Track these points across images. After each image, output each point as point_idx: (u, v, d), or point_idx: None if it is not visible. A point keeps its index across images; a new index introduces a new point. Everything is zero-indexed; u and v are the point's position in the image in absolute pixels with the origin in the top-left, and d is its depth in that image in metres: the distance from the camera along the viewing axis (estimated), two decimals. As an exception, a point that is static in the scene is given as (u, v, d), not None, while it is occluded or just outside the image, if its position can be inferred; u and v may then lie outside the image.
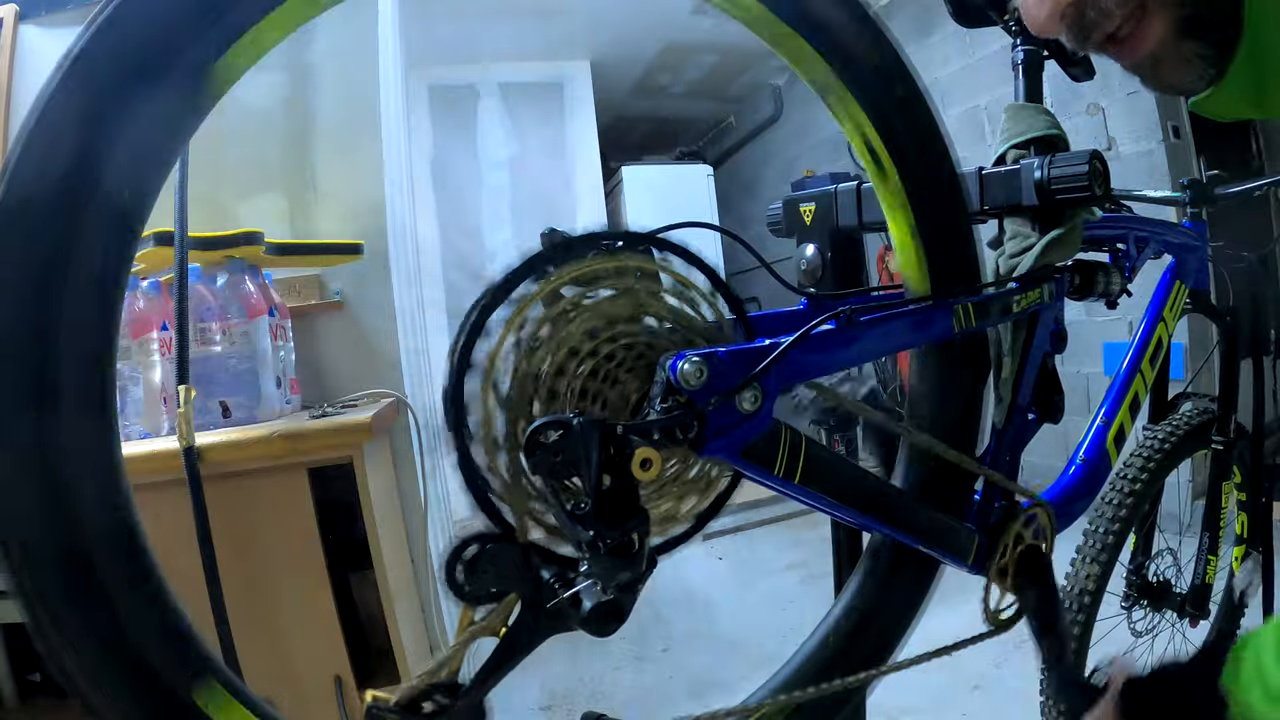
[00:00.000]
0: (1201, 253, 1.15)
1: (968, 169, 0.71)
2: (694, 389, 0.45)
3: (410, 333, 1.80)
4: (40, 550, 0.36)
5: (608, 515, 0.42)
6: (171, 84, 0.39)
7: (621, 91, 4.61)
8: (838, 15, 0.55)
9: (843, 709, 0.63)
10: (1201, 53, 0.49)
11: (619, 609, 0.42)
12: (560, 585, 0.43)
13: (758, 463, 0.50)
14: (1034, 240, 0.72)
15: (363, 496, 1.25)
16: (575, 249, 0.45)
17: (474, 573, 0.43)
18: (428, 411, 1.67)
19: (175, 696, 0.39)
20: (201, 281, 1.33)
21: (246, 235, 1.35)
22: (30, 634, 0.37)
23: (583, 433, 0.41)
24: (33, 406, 0.36)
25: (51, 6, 1.55)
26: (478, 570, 0.43)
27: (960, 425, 0.67)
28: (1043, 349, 0.73)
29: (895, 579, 0.67)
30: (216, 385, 1.30)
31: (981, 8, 0.81)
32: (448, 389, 0.43)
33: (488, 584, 0.44)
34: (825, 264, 0.83)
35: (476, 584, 0.43)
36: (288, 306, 1.49)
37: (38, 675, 1.37)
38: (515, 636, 0.44)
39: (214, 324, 1.31)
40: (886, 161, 0.59)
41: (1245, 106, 0.54)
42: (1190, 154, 2.52)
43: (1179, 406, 1.25)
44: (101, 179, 0.37)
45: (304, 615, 1.22)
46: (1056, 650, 0.68)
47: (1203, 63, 0.50)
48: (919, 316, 0.60)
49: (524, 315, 0.44)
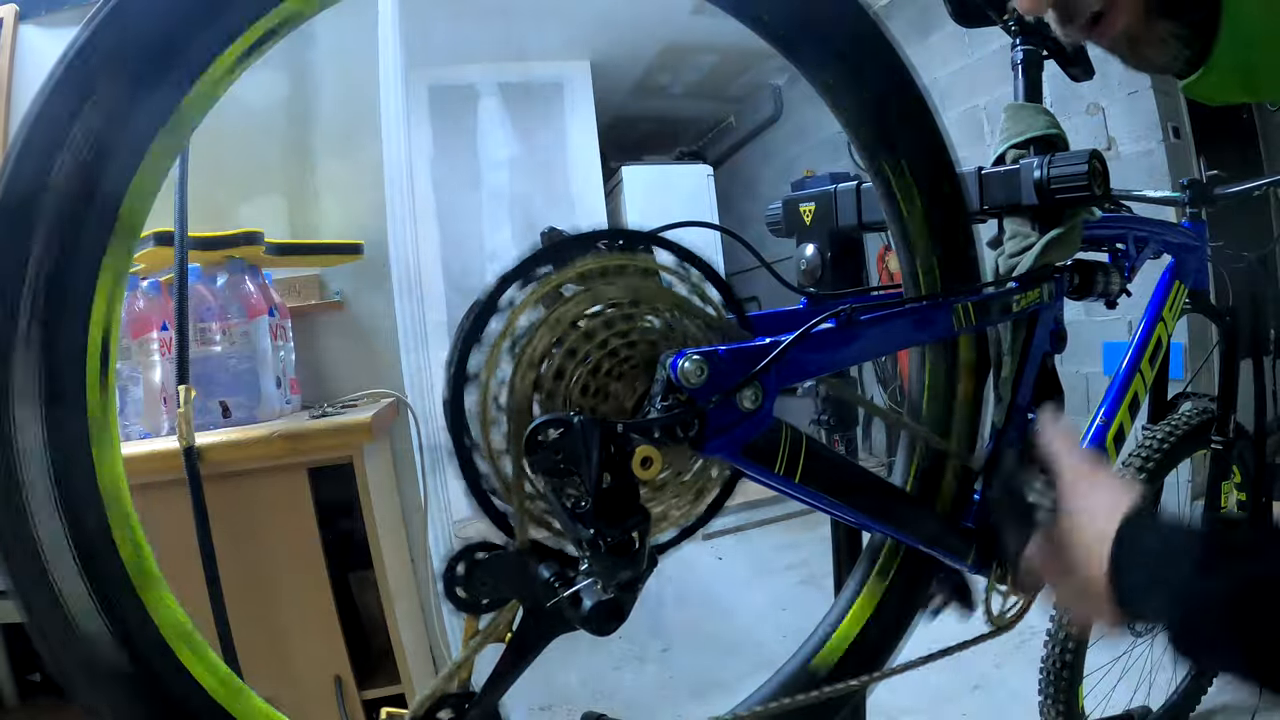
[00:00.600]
0: (1201, 253, 1.15)
1: (968, 169, 0.71)
2: (695, 387, 0.45)
3: (410, 332, 1.80)
4: None
5: (608, 514, 0.42)
6: (171, 83, 0.39)
7: (621, 91, 4.61)
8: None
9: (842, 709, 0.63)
10: (1176, 32, 0.51)
11: (619, 608, 0.42)
12: (560, 584, 0.43)
13: (758, 461, 0.50)
14: (1034, 240, 0.72)
15: (363, 496, 1.25)
16: (574, 248, 0.45)
17: (472, 583, 0.43)
18: (428, 411, 1.67)
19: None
20: (201, 281, 1.33)
21: (246, 235, 1.35)
22: (30, 634, 0.37)
23: (583, 431, 0.41)
24: (33, 406, 0.36)
25: (51, 6, 1.55)
26: (476, 581, 0.43)
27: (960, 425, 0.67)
28: (1042, 348, 0.73)
29: (895, 579, 0.67)
30: (216, 385, 1.30)
31: (981, 8, 0.82)
32: (447, 394, 0.43)
33: (488, 593, 0.44)
34: (825, 264, 0.83)
35: (476, 594, 0.43)
36: (288, 306, 1.49)
37: (38, 675, 1.37)
38: (522, 640, 0.44)
39: (214, 324, 1.31)
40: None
41: (1236, 89, 0.55)
42: (1190, 154, 2.52)
43: (1178, 406, 1.25)
44: (100, 178, 0.37)
45: (304, 615, 1.22)
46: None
47: (1178, 42, 0.51)
48: (919, 315, 0.60)
49: (522, 316, 0.44)
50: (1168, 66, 0.54)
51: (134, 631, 0.38)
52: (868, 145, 0.59)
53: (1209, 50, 0.51)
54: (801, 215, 0.84)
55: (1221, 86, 0.54)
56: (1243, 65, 0.51)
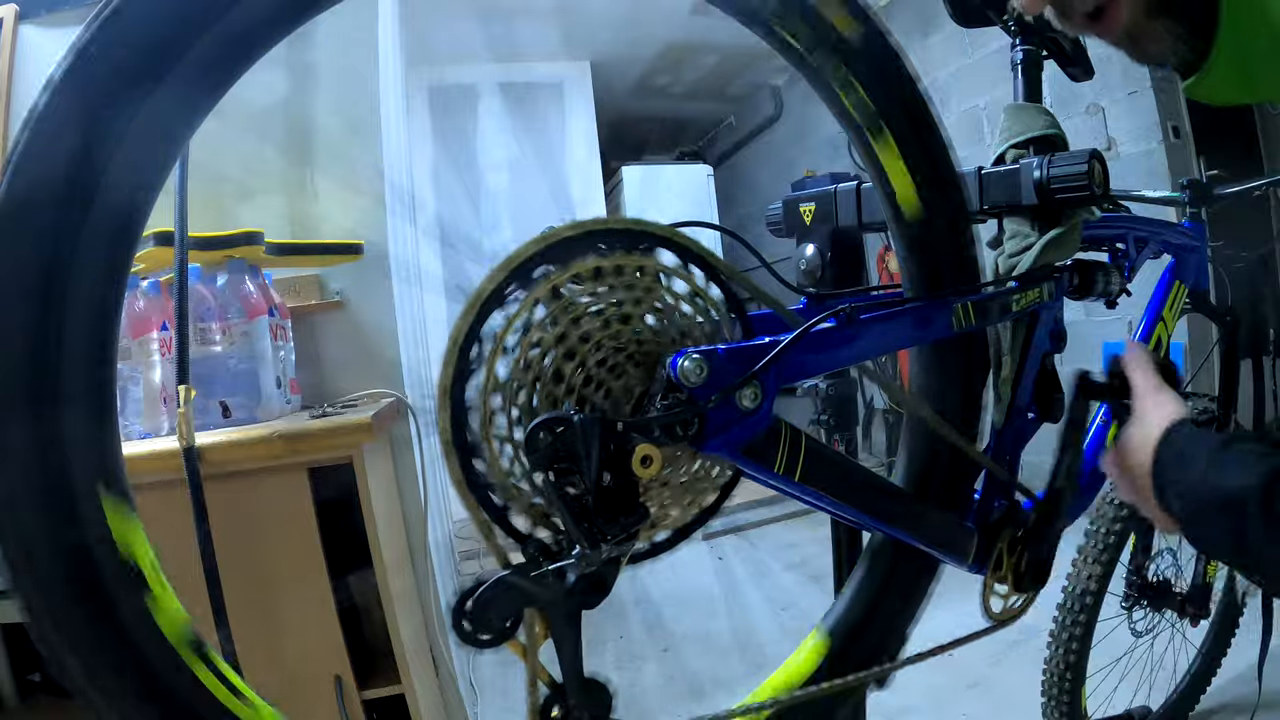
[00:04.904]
0: (1201, 253, 1.15)
1: (967, 169, 0.71)
2: (694, 386, 0.45)
3: (410, 333, 1.80)
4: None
5: (608, 512, 0.42)
6: (172, 83, 0.39)
7: (621, 91, 4.61)
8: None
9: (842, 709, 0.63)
10: (1174, 30, 0.52)
11: (602, 581, 0.43)
12: (544, 558, 0.44)
13: (758, 460, 0.50)
14: (1033, 240, 0.72)
15: (363, 496, 1.25)
16: (574, 247, 0.45)
17: (483, 623, 0.43)
18: (427, 411, 1.67)
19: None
20: (201, 281, 1.33)
21: (246, 235, 1.35)
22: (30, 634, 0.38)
23: (583, 429, 0.41)
24: (33, 406, 0.36)
25: (51, 6, 1.55)
26: (483, 617, 0.43)
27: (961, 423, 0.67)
28: (1042, 348, 0.73)
29: (895, 579, 0.67)
30: (216, 385, 1.30)
31: (981, 8, 0.82)
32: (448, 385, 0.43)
33: (502, 618, 0.43)
34: (825, 264, 0.83)
35: (492, 626, 0.43)
36: (288, 306, 1.49)
37: (38, 675, 1.37)
38: (560, 632, 0.45)
39: (214, 324, 1.31)
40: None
41: (1237, 90, 0.55)
42: (1190, 154, 2.52)
43: (1178, 406, 1.25)
44: (102, 179, 0.37)
45: (304, 615, 1.22)
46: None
47: (1176, 39, 0.53)
48: (919, 315, 0.61)
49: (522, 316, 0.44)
50: (1173, 60, 0.55)
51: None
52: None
53: (1209, 49, 0.51)
54: (801, 215, 0.85)
55: (1222, 87, 0.54)
56: (1243, 65, 0.52)
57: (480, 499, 0.44)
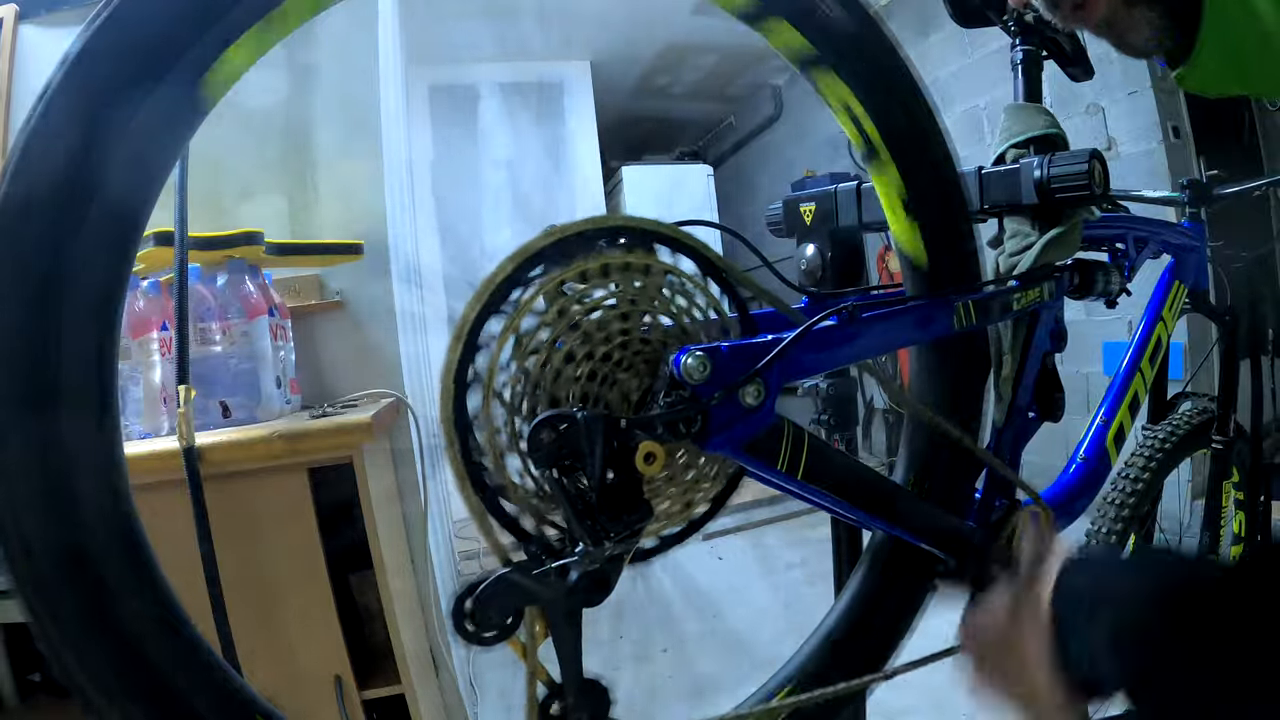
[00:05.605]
0: (1200, 252, 1.15)
1: (968, 169, 0.71)
2: (698, 383, 0.45)
3: (410, 333, 1.80)
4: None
5: (612, 509, 0.42)
6: (172, 84, 0.39)
7: (621, 91, 4.61)
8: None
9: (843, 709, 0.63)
10: (1152, 20, 0.53)
11: (605, 579, 0.43)
12: (547, 556, 0.44)
13: (760, 458, 0.50)
14: (1034, 239, 0.72)
15: (363, 496, 1.25)
16: (575, 246, 0.45)
17: (483, 620, 0.43)
18: (428, 412, 1.67)
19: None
20: (201, 281, 1.33)
21: (246, 235, 1.34)
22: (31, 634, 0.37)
23: (587, 426, 0.41)
24: (34, 407, 0.36)
25: (51, 6, 1.55)
26: (483, 616, 0.43)
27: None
28: (1042, 348, 0.73)
29: (896, 578, 0.67)
30: (216, 385, 1.30)
31: (981, 8, 0.82)
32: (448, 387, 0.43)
33: (502, 615, 0.43)
34: (825, 264, 0.83)
35: (492, 623, 0.43)
36: (288, 306, 1.49)
37: (38, 675, 1.37)
38: (559, 632, 0.45)
39: (214, 324, 1.31)
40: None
41: (1230, 80, 0.56)
42: (1190, 154, 2.53)
43: (1178, 406, 1.25)
44: (102, 180, 0.37)
45: (304, 615, 1.22)
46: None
47: (1156, 29, 0.53)
48: (920, 313, 0.61)
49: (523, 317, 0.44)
50: (1155, 50, 0.55)
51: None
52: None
53: (1195, 40, 0.52)
54: (802, 215, 0.84)
55: (1213, 77, 0.55)
56: (1232, 55, 0.52)
57: (477, 489, 0.44)
